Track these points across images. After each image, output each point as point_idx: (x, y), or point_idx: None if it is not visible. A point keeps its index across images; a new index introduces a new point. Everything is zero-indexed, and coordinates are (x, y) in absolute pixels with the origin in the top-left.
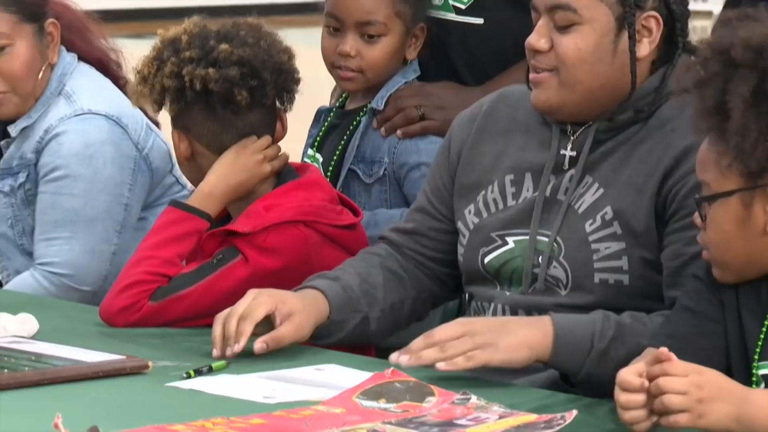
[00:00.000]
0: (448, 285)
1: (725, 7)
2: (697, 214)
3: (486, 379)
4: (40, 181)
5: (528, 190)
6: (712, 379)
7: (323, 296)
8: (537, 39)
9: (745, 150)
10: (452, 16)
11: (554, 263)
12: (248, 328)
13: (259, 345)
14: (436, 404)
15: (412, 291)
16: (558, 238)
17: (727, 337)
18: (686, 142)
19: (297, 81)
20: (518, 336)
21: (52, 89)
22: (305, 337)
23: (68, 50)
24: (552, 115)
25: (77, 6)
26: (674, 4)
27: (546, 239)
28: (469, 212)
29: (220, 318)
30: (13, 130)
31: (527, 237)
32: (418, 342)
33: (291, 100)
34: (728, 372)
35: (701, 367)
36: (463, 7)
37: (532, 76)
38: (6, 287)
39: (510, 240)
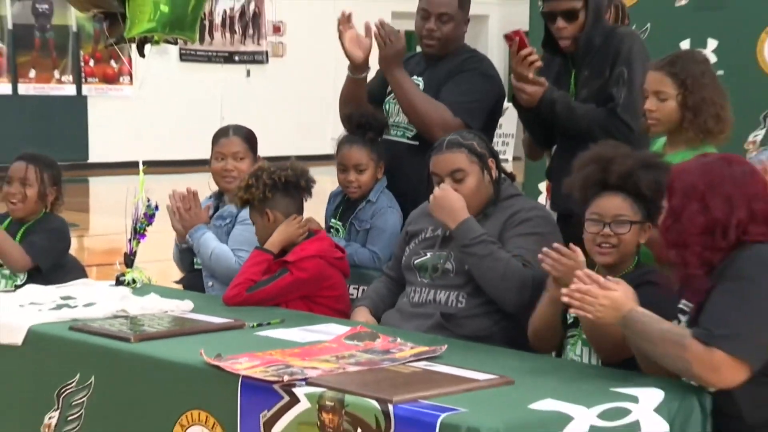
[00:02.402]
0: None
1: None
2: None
3: (397, 328)
4: (236, 222)
5: (436, 234)
6: (617, 297)
7: (367, 309)
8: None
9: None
10: (404, 140)
11: (447, 263)
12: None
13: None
14: (380, 342)
15: (395, 297)
16: (451, 253)
17: None
18: (511, 211)
19: (311, 186)
20: None
21: None
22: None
23: None
24: None
25: None
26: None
27: (444, 253)
28: (411, 245)
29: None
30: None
31: (433, 252)
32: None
33: (310, 195)
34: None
35: (617, 288)
36: (411, 136)
37: None
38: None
39: (428, 253)
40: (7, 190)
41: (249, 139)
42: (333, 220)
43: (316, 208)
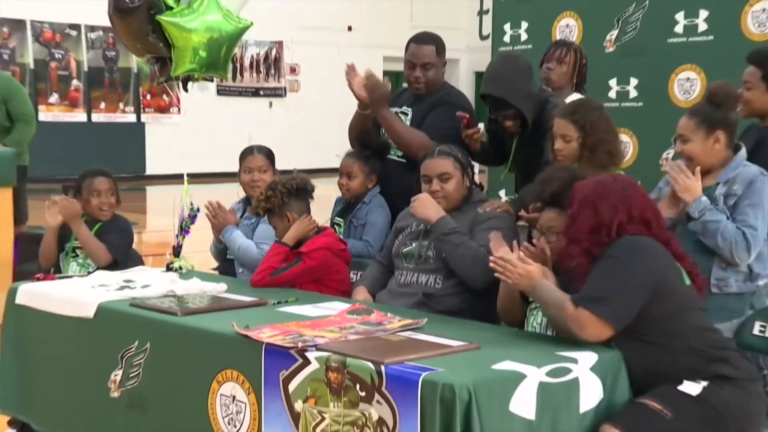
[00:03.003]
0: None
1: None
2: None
3: (388, 304)
4: (260, 222)
5: (419, 228)
6: (530, 270)
7: (365, 288)
8: (435, 185)
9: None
10: (395, 158)
11: (428, 251)
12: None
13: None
14: (374, 316)
15: (386, 279)
16: (431, 243)
17: None
18: (474, 215)
19: (314, 190)
20: None
21: None
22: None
23: None
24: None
25: None
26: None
27: (426, 243)
28: (399, 238)
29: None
30: None
31: (418, 242)
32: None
33: (312, 198)
34: None
35: (533, 264)
36: (399, 155)
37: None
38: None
39: (413, 243)
40: (99, 200)
41: (269, 155)
42: (336, 218)
43: (320, 210)
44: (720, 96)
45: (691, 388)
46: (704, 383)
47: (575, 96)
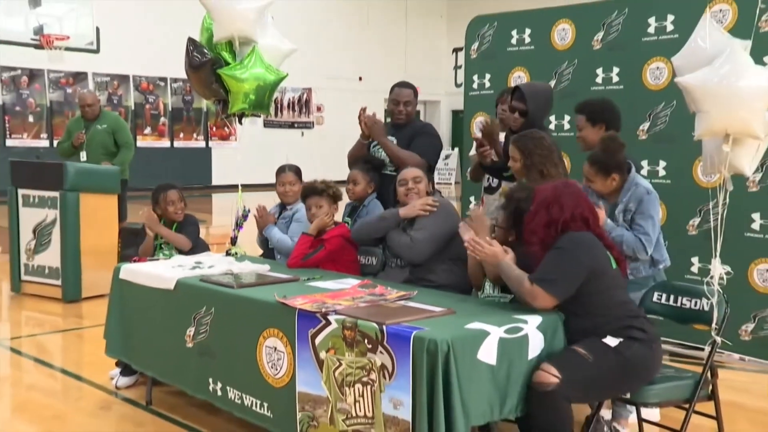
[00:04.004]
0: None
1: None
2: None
3: (388, 281)
4: (292, 221)
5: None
6: (495, 250)
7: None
8: (410, 185)
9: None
10: (388, 172)
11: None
12: None
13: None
14: (378, 289)
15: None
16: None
17: None
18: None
19: (340, 199)
20: None
21: None
22: None
23: None
24: None
25: None
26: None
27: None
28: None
29: None
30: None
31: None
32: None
33: (338, 200)
34: None
35: (497, 247)
36: (391, 169)
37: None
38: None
39: (410, 232)
40: (174, 207)
41: (297, 172)
42: (346, 218)
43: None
44: (611, 145)
45: (611, 341)
46: (621, 339)
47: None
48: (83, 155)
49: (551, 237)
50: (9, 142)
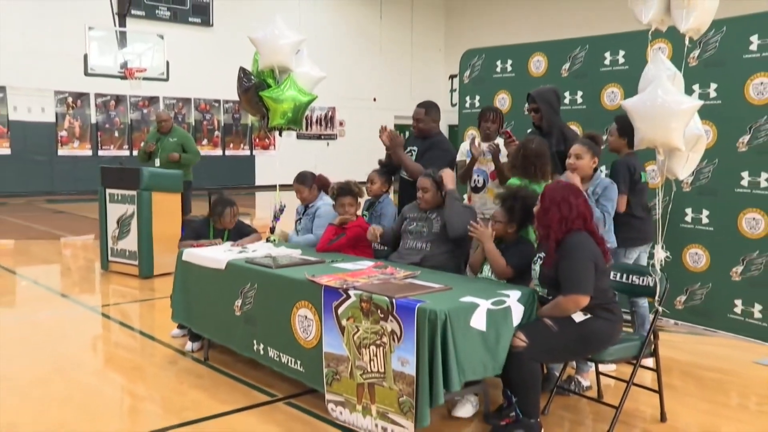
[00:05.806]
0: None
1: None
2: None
3: (397, 262)
4: (314, 216)
5: (416, 216)
6: (487, 233)
7: (381, 229)
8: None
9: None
10: (405, 177)
11: (423, 228)
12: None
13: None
14: (389, 269)
15: (390, 234)
16: (424, 223)
17: None
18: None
19: (361, 196)
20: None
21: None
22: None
23: None
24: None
25: None
26: None
27: (422, 223)
28: (405, 221)
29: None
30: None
31: (421, 223)
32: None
33: (360, 197)
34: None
35: (489, 231)
36: (407, 175)
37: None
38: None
39: (414, 224)
40: (229, 219)
41: (312, 178)
42: (364, 212)
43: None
44: (596, 139)
45: (576, 317)
46: (588, 316)
47: (500, 139)
48: (157, 161)
49: (562, 233)
50: (100, 153)
